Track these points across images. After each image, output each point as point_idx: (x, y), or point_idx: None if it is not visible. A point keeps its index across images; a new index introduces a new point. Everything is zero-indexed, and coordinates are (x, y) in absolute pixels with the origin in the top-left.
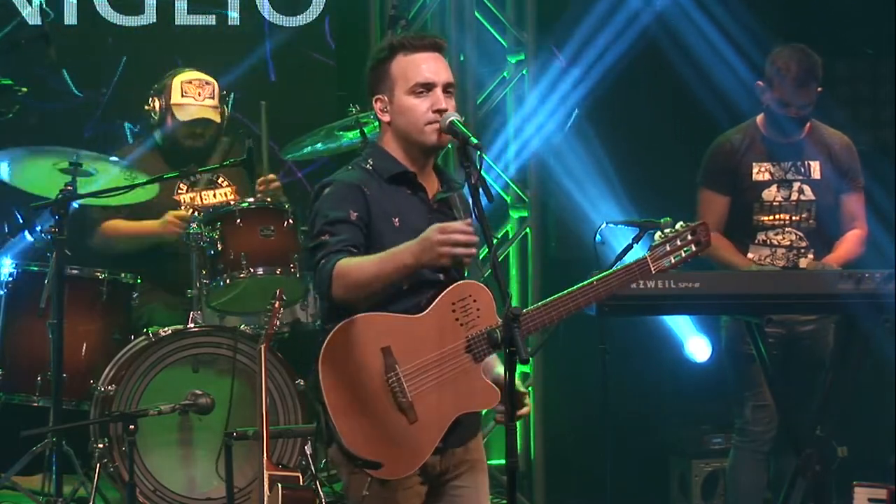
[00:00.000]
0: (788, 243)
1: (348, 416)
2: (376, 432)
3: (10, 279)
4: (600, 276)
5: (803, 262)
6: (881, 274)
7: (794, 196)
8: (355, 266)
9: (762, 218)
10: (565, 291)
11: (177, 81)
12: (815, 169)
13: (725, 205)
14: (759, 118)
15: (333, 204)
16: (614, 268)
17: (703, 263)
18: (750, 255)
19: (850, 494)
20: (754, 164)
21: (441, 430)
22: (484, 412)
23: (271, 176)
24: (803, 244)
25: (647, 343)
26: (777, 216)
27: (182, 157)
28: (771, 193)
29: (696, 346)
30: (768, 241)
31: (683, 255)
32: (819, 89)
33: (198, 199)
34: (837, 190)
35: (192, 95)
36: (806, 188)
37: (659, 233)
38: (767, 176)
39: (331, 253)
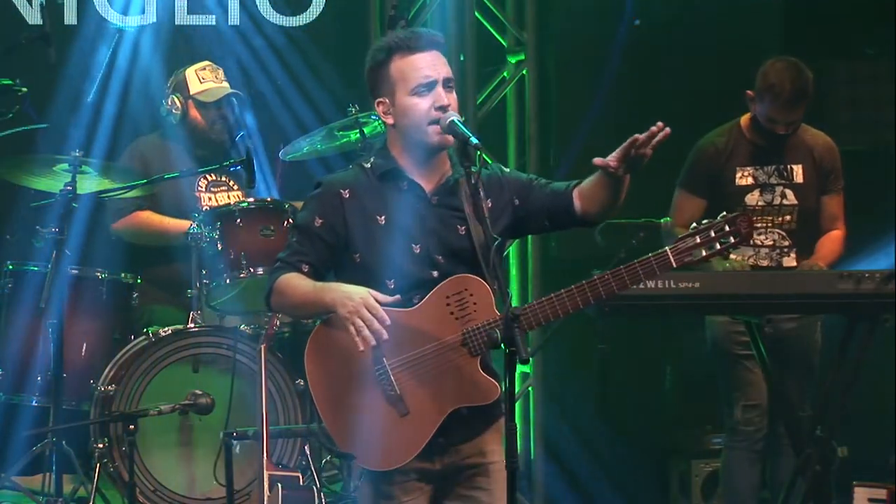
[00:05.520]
0: (771, 243)
1: (334, 407)
2: (364, 424)
3: (10, 279)
4: (615, 269)
5: (787, 262)
6: (881, 274)
7: (777, 200)
8: (290, 290)
9: None
10: (577, 284)
11: (190, 72)
12: (798, 173)
13: (700, 207)
14: (744, 120)
15: (308, 206)
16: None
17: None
18: (733, 256)
19: (850, 494)
20: (738, 168)
21: (434, 424)
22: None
23: None
24: (786, 244)
25: (647, 343)
26: (759, 219)
27: (207, 148)
28: (753, 198)
29: None
30: (751, 242)
31: (719, 246)
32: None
33: (214, 199)
34: (819, 192)
35: (211, 79)
36: (788, 192)
37: (694, 224)
38: (750, 181)
39: (282, 263)
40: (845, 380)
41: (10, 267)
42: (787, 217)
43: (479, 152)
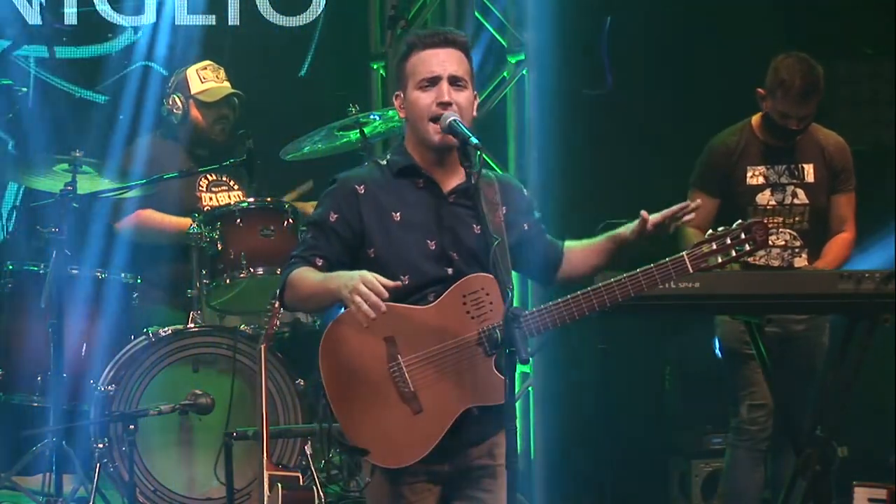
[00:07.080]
0: (783, 243)
1: (347, 403)
2: (377, 420)
3: (10, 279)
4: (631, 273)
5: (798, 262)
6: (881, 274)
7: (788, 200)
8: (300, 282)
9: None
10: (592, 287)
11: (191, 72)
12: (809, 172)
13: (715, 207)
14: (755, 120)
15: (323, 203)
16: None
17: None
18: None
19: (850, 494)
20: (749, 167)
21: (448, 422)
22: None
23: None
24: (797, 244)
25: (648, 343)
26: (770, 219)
27: (207, 148)
28: (765, 197)
29: None
30: None
31: (735, 253)
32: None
33: (214, 199)
34: (829, 191)
35: (212, 79)
36: (799, 192)
37: (710, 231)
38: (761, 180)
39: (296, 258)
40: (845, 380)
41: (10, 267)
42: (798, 217)
43: (479, 152)
